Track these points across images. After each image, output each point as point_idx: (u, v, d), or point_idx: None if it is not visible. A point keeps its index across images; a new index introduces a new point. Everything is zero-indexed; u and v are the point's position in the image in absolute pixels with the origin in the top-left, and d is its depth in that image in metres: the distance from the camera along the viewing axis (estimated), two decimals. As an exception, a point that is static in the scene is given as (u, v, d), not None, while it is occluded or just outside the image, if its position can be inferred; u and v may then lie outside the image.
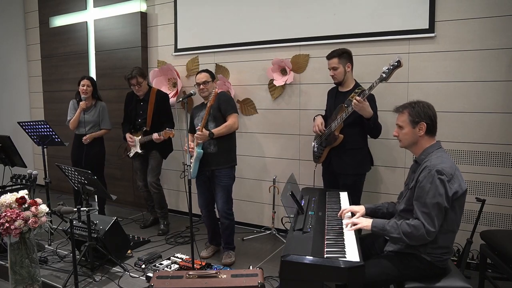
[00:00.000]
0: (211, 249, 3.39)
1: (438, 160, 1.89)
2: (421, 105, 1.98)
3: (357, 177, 2.95)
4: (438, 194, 1.80)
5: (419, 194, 1.86)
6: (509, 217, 2.95)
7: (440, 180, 1.81)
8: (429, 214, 1.81)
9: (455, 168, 1.89)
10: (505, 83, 2.87)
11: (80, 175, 2.90)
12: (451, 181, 1.83)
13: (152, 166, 3.88)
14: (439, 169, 1.82)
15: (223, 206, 3.15)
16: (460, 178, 1.89)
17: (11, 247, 2.46)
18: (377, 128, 2.83)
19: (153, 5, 4.51)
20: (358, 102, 2.61)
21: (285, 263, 1.69)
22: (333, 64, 2.91)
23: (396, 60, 2.53)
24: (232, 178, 3.20)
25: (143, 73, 3.79)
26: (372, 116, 2.72)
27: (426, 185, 1.83)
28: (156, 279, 2.22)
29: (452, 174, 1.85)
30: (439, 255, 1.89)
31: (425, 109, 1.96)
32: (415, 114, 1.97)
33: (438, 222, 1.81)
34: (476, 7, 2.89)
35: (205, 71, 3.22)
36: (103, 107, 4.01)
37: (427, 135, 1.99)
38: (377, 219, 2.03)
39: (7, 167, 3.85)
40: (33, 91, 5.85)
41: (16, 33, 5.71)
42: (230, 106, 3.12)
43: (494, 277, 2.60)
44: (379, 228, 1.94)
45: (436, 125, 2.00)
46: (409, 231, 1.83)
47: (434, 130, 2.00)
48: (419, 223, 1.82)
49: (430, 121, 1.96)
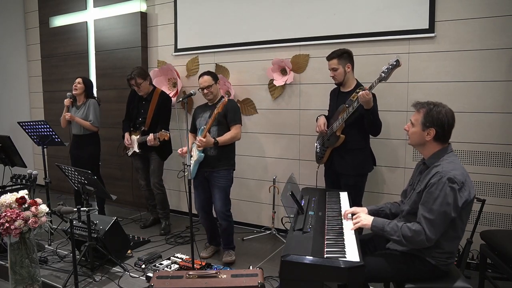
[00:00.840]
0: (211, 249, 3.39)
1: (450, 166, 1.81)
2: (438, 111, 1.87)
3: (359, 178, 2.95)
4: (446, 203, 1.75)
5: (426, 199, 1.81)
6: (509, 217, 2.95)
7: (450, 188, 1.75)
8: (433, 221, 1.76)
9: (466, 175, 1.83)
10: (505, 83, 2.87)
11: (80, 175, 2.90)
12: (462, 189, 1.78)
13: (154, 168, 3.89)
14: (451, 177, 1.75)
15: (221, 207, 3.12)
16: (470, 185, 1.83)
17: (11, 247, 2.46)
18: (377, 122, 2.80)
19: (153, 5, 4.51)
20: (366, 95, 2.58)
21: (285, 263, 1.69)
22: (333, 65, 2.91)
23: (395, 59, 2.53)
24: (229, 180, 3.19)
25: (143, 74, 3.77)
26: (372, 108, 2.70)
27: (435, 191, 1.78)
28: (156, 279, 2.22)
29: (463, 182, 1.78)
30: (444, 259, 1.88)
31: (440, 116, 1.85)
32: (428, 118, 1.87)
33: (440, 230, 1.78)
34: (476, 7, 2.89)
35: (207, 74, 3.17)
36: (91, 103, 3.95)
37: (435, 142, 1.90)
38: (378, 218, 1.99)
39: (7, 167, 3.86)
40: (33, 91, 5.85)
41: (16, 33, 5.71)
42: (237, 116, 3.12)
43: (494, 277, 2.60)
44: (379, 228, 1.91)
45: (449, 134, 1.89)
46: (409, 235, 1.80)
47: (444, 138, 1.91)
48: (420, 228, 1.78)
49: (441, 129, 1.87)
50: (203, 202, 3.24)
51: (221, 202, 3.12)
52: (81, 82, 3.94)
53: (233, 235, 3.31)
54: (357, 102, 2.71)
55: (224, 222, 3.17)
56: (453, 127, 1.90)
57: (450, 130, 1.89)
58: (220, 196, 3.12)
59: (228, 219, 3.19)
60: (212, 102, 3.20)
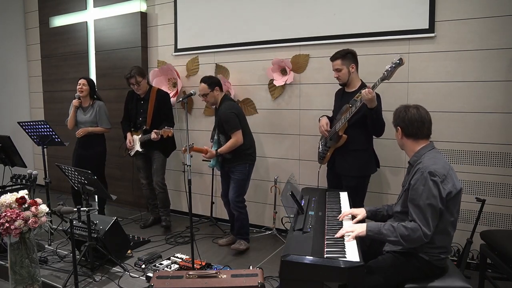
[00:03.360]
0: (229, 238, 3.60)
1: (431, 161, 1.88)
2: (400, 109, 2.01)
3: (360, 179, 2.92)
4: (431, 195, 1.80)
5: (413, 197, 1.86)
6: (509, 217, 2.95)
7: (433, 182, 1.81)
8: (424, 216, 1.80)
9: (448, 168, 1.89)
10: (505, 83, 2.86)
11: (80, 175, 2.90)
12: (444, 181, 1.83)
13: (156, 167, 3.90)
14: (431, 171, 1.82)
15: (232, 197, 3.35)
16: (454, 177, 1.88)
17: (11, 247, 2.46)
18: (380, 122, 2.78)
19: (153, 5, 4.51)
20: (368, 93, 2.57)
21: (285, 263, 1.69)
22: (337, 66, 2.90)
23: (398, 58, 2.52)
24: (245, 174, 3.35)
25: (142, 72, 3.79)
26: (376, 107, 2.68)
27: (419, 187, 1.83)
28: (156, 279, 2.22)
29: (445, 174, 1.84)
30: (437, 254, 1.90)
31: (400, 113, 1.99)
32: (394, 118, 2.03)
33: (433, 223, 1.81)
34: (476, 7, 2.89)
35: (203, 81, 3.33)
36: (100, 106, 3.97)
37: (408, 139, 1.99)
38: (372, 222, 1.99)
39: (7, 167, 3.85)
40: (33, 91, 5.85)
41: (16, 33, 5.71)
42: (230, 126, 3.24)
43: (494, 277, 2.59)
44: (375, 232, 1.91)
45: (415, 129, 1.95)
46: (406, 233, 1.82)
47: (413, 134, 1.96)
48: (415, 225, 1.81)
49: (403, 124, 1.97)
50: (225, 191, 3.53)
51: (233, 192, 3.35)
52: (86, 83, 3.92)
53: (248, 228, 3.48)
54: (360, 102, 2.69)
55: (236, 211, 3.37)
56: (420, 122, 1.95)
57: (414, 124, 1.95)
58: (233, 187, 3.35)
59: (239, 209, 3.37)
60: (215, 106, 3.41)
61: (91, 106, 3.97)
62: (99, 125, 3.96)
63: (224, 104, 3.31)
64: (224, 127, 3.26)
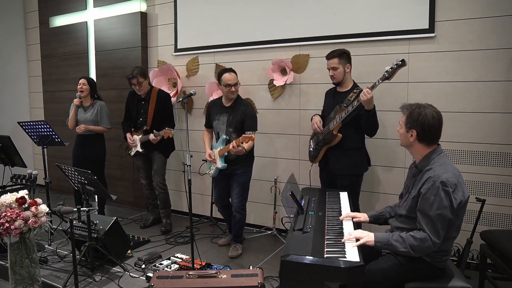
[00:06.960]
0: (229, 238, 3.58)
1: (442, 169, 1.84)
2: (419, 112, 1.89)
3: (355, 178, 2.95)
4: (443, 206, 1.77)
5: (423, 206, 1.82)
6: (509, 217, 2.95)
7: (445, 192, 1.77)
8: (434, 226, 1.78)
9: (458, 176, 1.86)
10: (505, 83, 2.86)
11: (80, 175, 2.89)
12: (455, 191, 1.80)
13: (157, 167, 3.90)
14: (443, 181, 1.78)
15: (238, 201, 3.30)
16: (463, 186, 1.86)
17: (11, 247, 2.46)
18: (375, 122, 2.80)
19: (153, 5, 4.51)
20: (367, 93, 2.58)
21: (285, 263, 1.69)
22: (333, 64, 2.91)
23: (401, 59, 2.53)
24: (249, 175, 3.35)
25: (144, 73, 3.80)
26: (373, 109, 2.70)
27: (430, 197, 1.80)
28: (156, 279, 2.22)
29: (455, 184, 1.81)
30: (439, 257, 1.89)
31: (421, 117, 1.88)
32: (410, 119, 1.92)
33: (442, 233, 1.79)
34: (476, 7, 2.89)
35: (233, 71, 3.22)
36: (101, 106, 3.97)
37: (420, 143, 1.93)
38: (379, 233, 1.94)
39: (7, 167, 3.85)
40: (33, 91, 5.85)
41: (16, 33, 5.71)
42: (255, 124, 3.23)
43: (494, 277, 2.60)
44: (383, 243, 1.88)
45: (432, 135, 1.91)
46: (415, 244, 1.80)
47: (428, 140, 1.92)
48: (425, 235, 1.79)
49: (421, 130, 1.89)
50: (221, 196, 3.45)
51: (239, 196, 3.29)
52: (86, 83, 3.92)
53: (243, 229, 3.48)
54: (357, 101, 2.71)
55: (239, 214, 3.34)
56: (438, 129, 1.91)
57: (432, 131, 1.90)
58: (239, 190, 3.28)
59: (243, 212, 3.36)
60: (229, 103, 3.26)
61: (92, 105, 3.97)
62: (100, 124, 3.96)
63: (243, 101, 3.29)
64: (246, 122, 3.16)
